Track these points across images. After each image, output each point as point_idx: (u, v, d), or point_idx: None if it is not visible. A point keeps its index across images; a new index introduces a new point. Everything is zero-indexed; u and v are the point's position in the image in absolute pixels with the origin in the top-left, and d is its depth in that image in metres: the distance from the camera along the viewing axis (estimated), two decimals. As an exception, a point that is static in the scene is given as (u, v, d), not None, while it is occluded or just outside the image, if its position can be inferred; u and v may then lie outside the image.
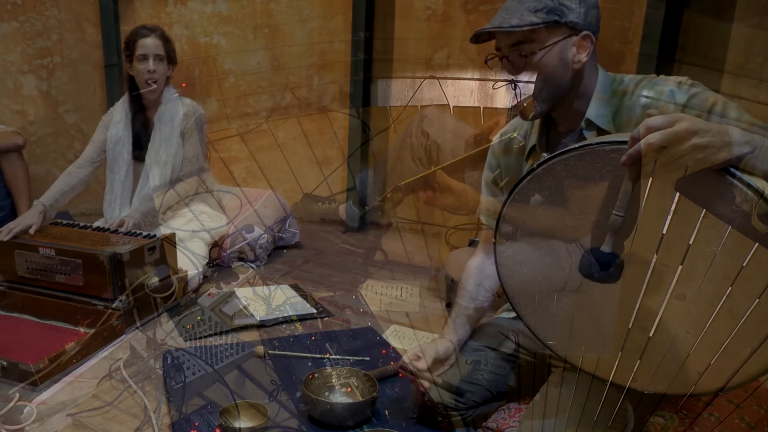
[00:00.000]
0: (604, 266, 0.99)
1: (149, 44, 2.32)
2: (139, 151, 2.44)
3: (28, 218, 2.13)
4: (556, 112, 1.32)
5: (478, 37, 1.29)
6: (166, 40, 2.36)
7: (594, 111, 1.26)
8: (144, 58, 2.32)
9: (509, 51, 1.25)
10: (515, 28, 1.20)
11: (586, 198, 1.07)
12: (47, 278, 2.01)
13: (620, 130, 1.24)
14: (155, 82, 2.34)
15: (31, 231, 2.09)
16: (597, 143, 1.03)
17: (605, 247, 0.98)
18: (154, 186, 2.40)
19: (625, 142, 0.95)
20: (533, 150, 1.38)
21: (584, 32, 1.22)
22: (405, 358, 1.41)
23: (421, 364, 1.38)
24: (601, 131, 1.25)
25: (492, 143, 1.51)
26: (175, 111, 2.41)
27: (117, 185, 2.45)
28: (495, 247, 1.21)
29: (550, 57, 1.22)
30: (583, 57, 1.23)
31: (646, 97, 1.23)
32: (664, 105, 1.17)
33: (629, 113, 1.23)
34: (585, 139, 1.25)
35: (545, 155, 1.10)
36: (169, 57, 2.38)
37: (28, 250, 2.02)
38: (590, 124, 1.26)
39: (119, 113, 2.45)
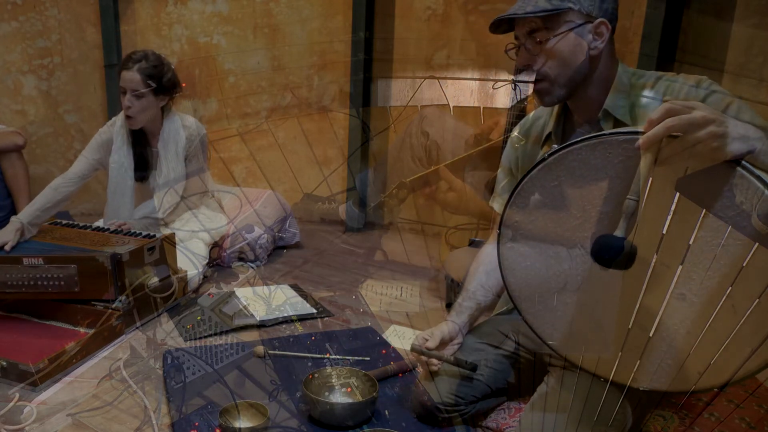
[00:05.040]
0: (616, 251, 0.98)
1: (126, 78, 2.21)
2: (141, 173, 2.39)
3: (4, 235, 2.02)
4: (573, 102, 1.34)
5: (497, 27, 1.31)
6: (149, 74, 2.21)
7: (612, 102, 1.27)
8: (123, 91, 2.23)
9: (525, 39, 1.27)
10: (529, 14, 1.22)
11: (597, 188, 1.07)
12: (35, 289, 1.90)
13: (637, 123, 1.25)
14: (132, 117, 2.24)
15: (7, 248, 1.99)
16: (610, 133, 1.04)
17: (618, 232, 0.98)
18: (163, 212, 2.36)
19: (637, 132, 0.96)
20: (548, 138, 1.40)
21: (600, 19, 1.23)
22: (415, 341, 1.44)
23: (430, 344, 1.41)
24: (618, 122, 1.27)
25: (513, 134, 1.53)
26: (177, 137, 2.35)
27: (122, 211, 2.39)
28: (498, 239, 1.21)
29: (566, 43, 1.24)
30: (599, 44, 1.25)
31: (641, 90, 1.25)
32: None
33: (646, 108, 1.25)
34: (602, 129, 1.26)
35: (555, 146, 1.11)
36: (158, 88, 2.24)
37: (9, 263, 1.90)
38: (607, 115, 1.28)
39: (119, 139, 2.35)
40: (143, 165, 2.40)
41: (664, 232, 1.00)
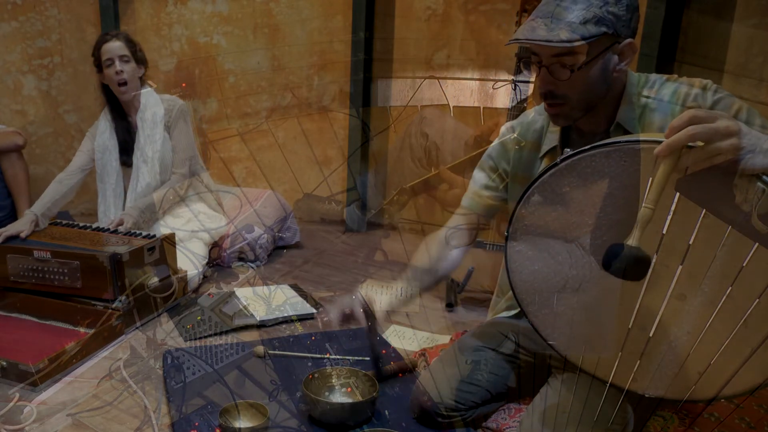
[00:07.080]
0: (630, 261, 0.95)
1: (112, 47, 2.34)
2: (126, 157, 2.46)
3: (19, 225, 2.15)
4: (584, 116, 1.29)
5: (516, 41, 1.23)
6: (129, 42, 2.38)
7: (624, 115, 1.23)
8: (110, 62, 2.34)
9: (550, 61, 1.18)
10: (565, 44, 1.11)
11: (609, 195, 1.06)
12: (43, 282, 1.98)
13: (645, 131, 1.23)
14: (126, 83, 2.35)
15: (22, 235, 2.11)
16: (626, 141, 1.02)
17: (632, 241, 0.95)
18: (146, 184, 2.41)
19: (655, 141, 0.94)
20: (553, 150, 1.34)
21: (628, 40, 1.18)
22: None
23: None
24: (627, 133, 1.23)
25: (505, 135, 1.46)
26: (155, 109, 2.44)
27: (109, 193, 2.48)
28: (506, 241, 1.20)
29: (595, 68, 1.17)
30: (624, 66, 1.20)
31: (647, 97, 1.23)
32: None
33: (651, 115, 1.22)
34: None
35: (568, 150, 1.08)
36: (136, 57, 2.39)
37: (21, 253, 1.99)
38: (618, 127, 1.24)
39: (103, 123, 2.47)
40: (127, 148, 2.46)
41: (664, 232, 1.00)
